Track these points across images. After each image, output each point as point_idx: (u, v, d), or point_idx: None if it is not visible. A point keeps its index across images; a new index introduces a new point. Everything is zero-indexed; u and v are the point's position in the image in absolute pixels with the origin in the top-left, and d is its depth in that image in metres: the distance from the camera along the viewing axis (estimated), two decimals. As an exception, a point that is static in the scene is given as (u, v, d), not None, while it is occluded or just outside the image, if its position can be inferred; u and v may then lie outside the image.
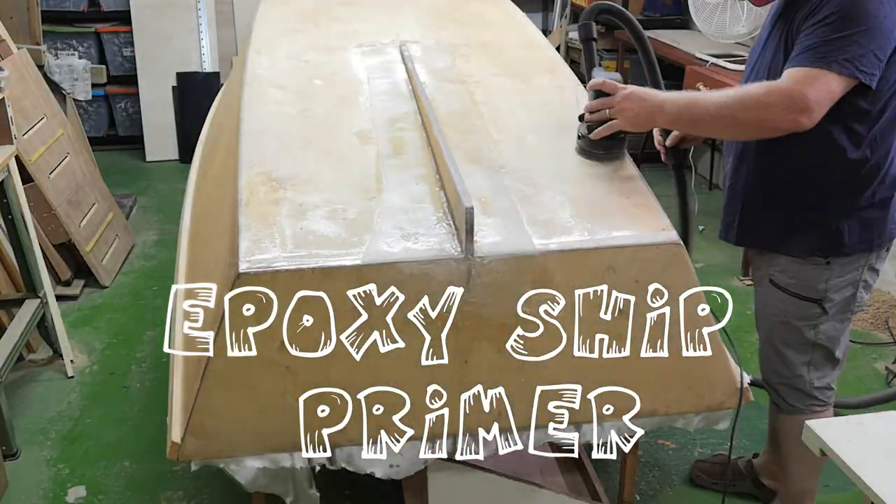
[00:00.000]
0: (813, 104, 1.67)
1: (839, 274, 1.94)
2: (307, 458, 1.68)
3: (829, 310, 1.97)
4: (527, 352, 1.65)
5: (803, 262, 1.95)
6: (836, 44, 1.69)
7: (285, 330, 1.56)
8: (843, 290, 1.96)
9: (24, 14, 4.07)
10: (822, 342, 2.01)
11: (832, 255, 1.92)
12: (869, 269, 1.96)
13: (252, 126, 2.04)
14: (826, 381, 2.07)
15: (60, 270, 3.67)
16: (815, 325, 1.98)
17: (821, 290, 1.95)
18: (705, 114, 1.75)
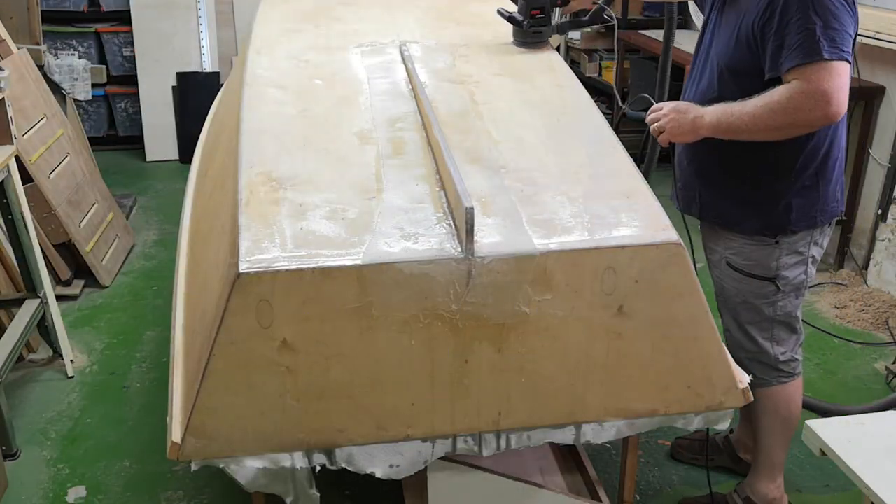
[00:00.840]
0: (831, 94, 1.81)
1: (787, 252, 2.08)
2: (307, 458, 1.68)
3: (783, 287, 2.10)
4: (527, 352, 1.65)
5: (754, 243, 2.09)
6: (818, 33, 1.82)
7: (285, 330, 1.56)
8: (793, 267, 2.10)
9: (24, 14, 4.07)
10: (780, 318, 2.14)
11: (780, 234, 2.06)
12: (814, 245, 2.11)
13: (252, 126, 2.04)
14: (790, 354, 2.19)
15: (60, 270, 3.67)
16: (772, 302, 2.12)
17: (773, 268, 2.09)
18: (741, 123, 1.90)
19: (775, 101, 1.85)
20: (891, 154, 3.67)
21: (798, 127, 1.89)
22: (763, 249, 2.08)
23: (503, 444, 1.75)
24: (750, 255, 2.10)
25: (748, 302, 2.14)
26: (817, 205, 2.06)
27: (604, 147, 2.00)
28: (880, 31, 3.49)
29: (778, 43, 1.87)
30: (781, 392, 2.21)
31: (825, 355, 3.28)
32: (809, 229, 2.08)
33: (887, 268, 3.67)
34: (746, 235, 2.09)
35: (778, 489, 2.33)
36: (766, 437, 2.27)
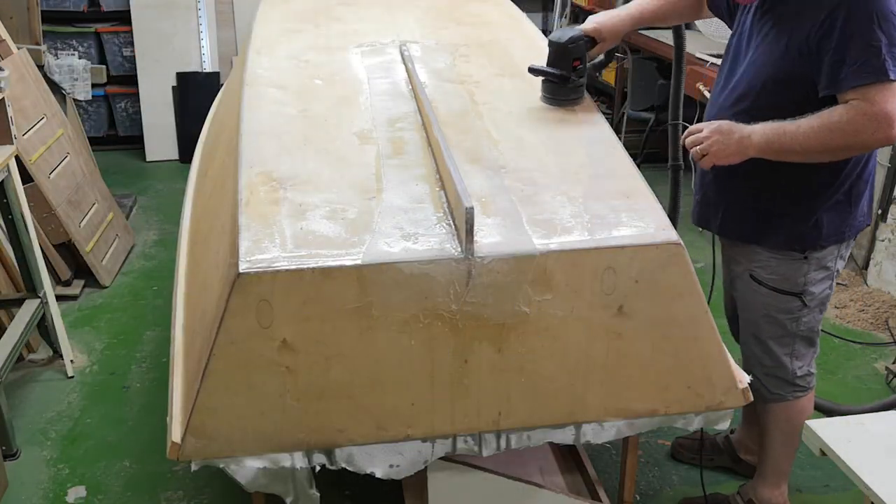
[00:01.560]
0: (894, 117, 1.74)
1: (815, 268, 2.02)
2: (307, 458, 1.68)
3: (809, 302, 2.04)
4: (527, 352, 1.65)
5: (781, 258, 2.02)
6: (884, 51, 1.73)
7: (285, 330, 1.56)
8: (819, 282, 2.05)
9: (24, 14, 4.07)
10: (803, 333, 2.09)
11: (809, 249, 2.00)
12: (840, 259, 2.06)
13: (252, 126, 2.04)
14: (807, 369, 2.15)
15: (60, 270, 3.67)
16: (796, 317, 2.06)
17: (800, 283, 2.03)
18: (794, 143, 1.81)
19: (834, 122, 1.77)
20: (891, 154, 3.67)
21: (854, 149, 1.83)
22: (791, 264, 2.02)
23: (503, 444, 1.75)
24: (776, 270, 2.03)
25: (772, 316, 2.08)
26: (847, 220, 2.01)
27: (604, 147, 2.00)
28: (880, 31, 3.48)
29: (837, 58, 1.77)
30: (795, 406, 2.17)
31: (825, 355, 3.28)
32: (837, 244, 2.03)
33: (887, 268, 3.67)
34: (774, 250, 2.02)
35: (781, 496, 2.33)
36: (775, 447, 2.24)
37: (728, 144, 1.86)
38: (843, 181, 1.96)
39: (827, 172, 1.93)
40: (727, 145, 1.86)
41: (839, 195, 1.97)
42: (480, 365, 1.65)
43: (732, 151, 1.86)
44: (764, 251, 2.04)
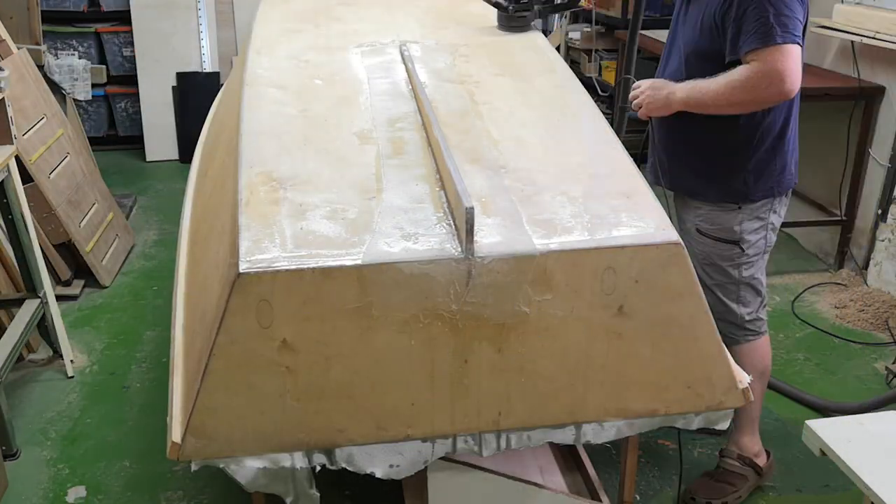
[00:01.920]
0: (785, 73, 2.03)
1: (749, 217, 2.28)
2: (307, 458, 1.68)
3: (746, 249, 2.29)
4: (527, 352, 1.65)
5: (719, 209, 2.28)
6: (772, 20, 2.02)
7: (285, 330, 1.56)
8: (755, 231, 2.29)
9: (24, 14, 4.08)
10: (745, 280, 2.33)
11: (741, 201, 2.26)
12: (773, 213, 2.31)
13: (252, 126, 2.04)
14: (755, 314, 2.38)
15: (60, 270, 3.67)
16: (737, 264, 2.31)
17: (736, 231, 2.28)
18: (707, 98, 2.13)
19: (736, 80, 2.06)
20: (891, 154, 3.67)
21: (757, 103, 2.10)
22: (727, 214, 2.27)
23: (503, 444, 1.75)
24: (715, 220, 2.28)
25: (715, 264, 2.32)
26: (773, 176, 2.26)
27: (604, 147, 2.00)
28: (880, 31, 3.49)
29: (736, 30, 2.08)
30: (750, 348, 2.37)
31: (825, 355, 3.28)
32: (768, 198, 2.27)
33: (887, 268, 3.67)
34: (711, 202, 2.29)
35: (758, 442, 2.49)
36: None
37: (657, 98, 2.22)
38: (762, 139, 2.22)
39: (746, 131, 2.21)
40: (657, 99, 2.22)
41: (761, 153, 2.23)
42: (480, 365, 1.65)
43: (661, 104, 2.22)
44: (704, 204, 2.30)
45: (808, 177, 4.27)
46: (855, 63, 3.77)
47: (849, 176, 3.86)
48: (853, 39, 3.66)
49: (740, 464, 2.45)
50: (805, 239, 4.30)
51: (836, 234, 3.98)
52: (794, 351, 3.31)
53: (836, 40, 3.94)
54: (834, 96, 3.74)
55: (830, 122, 3.98)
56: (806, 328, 3.48)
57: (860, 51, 3.75)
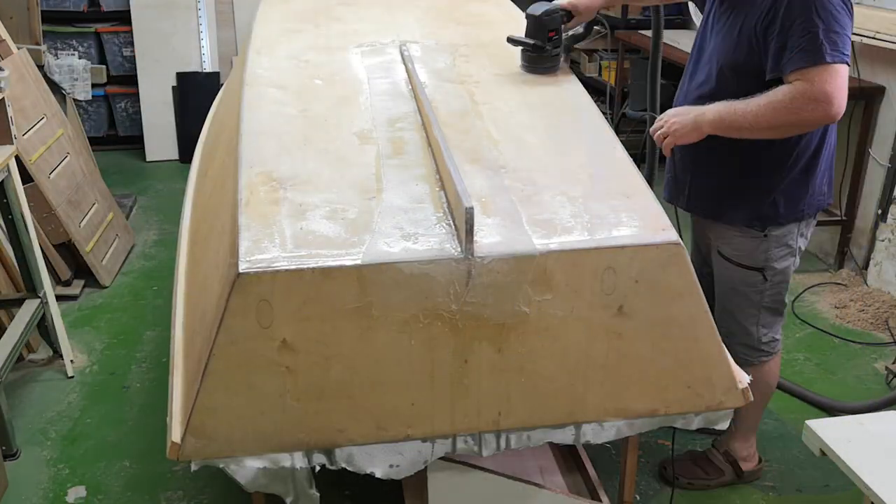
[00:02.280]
0: (833, 96, 1.88)
1: (776, 245, 2.17)
2: (307, 458, 1.68)
3: (770, 277, 2.20)
4: (527, 352, 1.65)
5: (744, 236, 2.18)
6: (821, 36, 1.88)
7: (285, 330, 1.56)
8: (781, 259, 2.20)
9: (24, 14, 4.07)
10: (767, 304, 2.25)
11: (768, 225, 2.14)
12: (801, 237, 2.21)
13: (252, 126, 2.04)
14: (772, 336, 2.32)
15: (60, 270, 3.67)
16: (760, 290, 2.22)
17: (761, 259, 2.18)
18: (744, 121, 1.95)
19: (778, 101, 1.90)
20: (891, 154, 3.67)
21: (798, 126, 1.96)
22: (752, 241, 2.17)
23: (503, 444, 1.75)
24: (739, 247, 2.19)
25: (737, 290, 2.24)
26: (805, 199, 2.14)
27: (604, 147, 2.00)
28: (880, 31, 3.49)
29: (780, 44, 1.93)
30: (762, 368, 2.32)
31: (825, 355, 3.28)
32: (796, 222, 2.16)
33: (887, 268, 3.67)
34: (735, 227, 2.18)
35: (751, 447, 2.51)
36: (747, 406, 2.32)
37: (685, 123, 2.04)
38: (797, 160, 2.09)
39: (780, 151, 2.08)
40: (684, 124, 2.04)
41: (795, 173, 2.10)
42: (480, 365, 1.65)
43: (689, 129, 2.03)
44: (727, 228, 2.20)
45: (808, 177, 4.28)
46: (855, 63, 3.77)
47: (849, 176, 3.86)
48: (853, 39, 3.66)
49: (723, 459, 2.50)
50: (805, 239, 4.30)
51: (836, 234, 3.98)
52: (794, 351, 3.31)
53: (836, 40, 3.93)
54: (783, 81, 3.73)
55: (830, 122, 3.98)
56: (806, 328, 3.48)
57: (860, 51, 3.74)
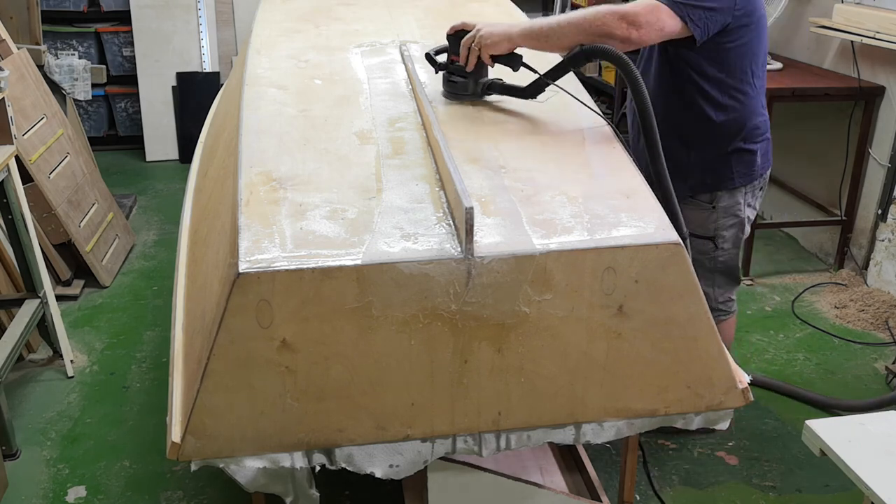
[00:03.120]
0: (642, 21, 1.97)
1: (724, 215, 2.38)
2: (307, 458, 1.68)
3: (721, 244, 2.41)
4: (527, 352, 1.65)
5: (695, 208, 2.36)
6: None
7: (285, 330, 1.56)
8: (730, 228, 2.40)
9: (24, 14, 4.08)
10: (720, 269, 2.44)
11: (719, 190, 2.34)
12: (748, 207, 2.41)
13: (252, 126, 2.04)
14: (727, 297, 2.52)
15: (60, 270, 3.67)
16: (712, 257, 2.42)
17: (711, 228, 2.39)
18: (553, 23, 2.03)
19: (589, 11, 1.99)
20: (891, 154, 3.67)
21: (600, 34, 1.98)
22: (702, 213, 2.37)
23: (503, 444, 1.75)
24: (692, 219, 2.31)
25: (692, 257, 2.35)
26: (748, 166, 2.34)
27: (604, 147, 2.00)
28: (880, 31, 3.49)
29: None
30: (720, 327, 2.36)
31: (825, 355, 3.29)
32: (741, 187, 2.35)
33: (887, 268, 3.67)
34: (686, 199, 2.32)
35: None
36: None
37: (495, 33, 2.06)
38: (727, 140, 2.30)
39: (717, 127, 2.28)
40: (494, 33, 2.06)
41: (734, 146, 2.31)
42: (480, 365, 1.65)
43: (499, 38, 2.06)
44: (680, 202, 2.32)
45: (808, 177, 4.28)
46: (855, 63, 3.77)
47: (849, 176, 3.87)
48: (853, 39, 3.66)
49: None
50: (805, 239, 4.30)
51: (836, 234, 3.98)
52: (794, 351, 3.31)
53: (836, 40, 3.94)
54: (834, 96, 3.74)
55: (830, 122, 3.99)
56: (806, 328, 3.48)
57: (860, 51, 3.75)
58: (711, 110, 2.28)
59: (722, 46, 2.18)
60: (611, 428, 1.78)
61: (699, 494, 2.50)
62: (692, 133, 2.31)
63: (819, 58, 4.10)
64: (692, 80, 2.25)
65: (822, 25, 3.83)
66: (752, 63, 2.26)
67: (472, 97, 2.16)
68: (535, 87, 2.09)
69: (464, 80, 2.14)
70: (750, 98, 2.30)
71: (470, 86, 2.15)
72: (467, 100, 2.16)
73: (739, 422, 2.77)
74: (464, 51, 2.10)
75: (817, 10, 4.04)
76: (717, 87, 2.25)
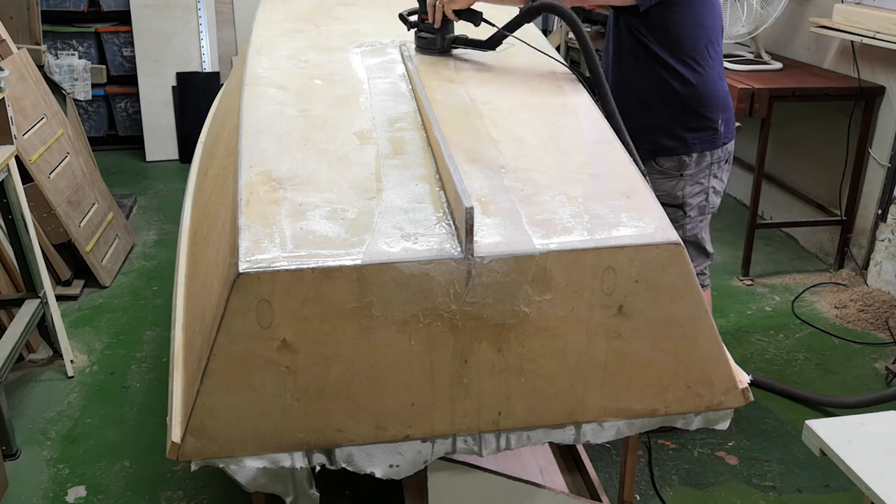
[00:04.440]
0: None
1: (690, 183, 2.50)
2: (307, 458, 1.68)
3: (689, 212, 2.52)
4: (526, 352, 1.65)
5: (662, 177, 2.49)
6: None
7: (285, 330, 1.56)
8: (696, 195, 2.52)
9: (24, 14, 4.08)
10: (689, 239, 2.54)
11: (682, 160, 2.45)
12: (714, 177, 2.53)
13: (252, 126, 2.04)
14: (699, 269, 2.59)
15: (60, 270, 3.67)
16: (680, 225, 2.51)
17: (679, 196, 2.51)
18: None
19: None
20: (891, 154, 3.67)
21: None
22: (670, 182, 2.49)
23: (503, 444, 1.75)
24: (660, 187, 2.46)
25: None
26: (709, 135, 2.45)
27: (604, 147, 2.00)
28: (880, 31, 3.49)
29: None
30: None
31: (825, 355, 3.29)
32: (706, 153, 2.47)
33: (887, 268, 3.67)
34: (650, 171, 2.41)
35: None
36: None
37: None
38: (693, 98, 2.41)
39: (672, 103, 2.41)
40: None
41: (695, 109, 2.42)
42: (480, 365, 1.65)
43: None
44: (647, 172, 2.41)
45: (808, 177, 4.28)
46: (855, 63, 3.77)
47: (849, 176, 3.87)
48: (853, 39, 3.66)
49: None
50: (805, 239, 4.30)
51: (836, 234, 3.98)
52: (794, 351, 3.31)
53: (836, 40, 3.94)
54: (834, 96, 3.74)
55: (830, 122, 3.99)
56: (806, 328, 3.48)
57: (860, 51, 3.75)
58: (668, 77, 2.40)
59: (669, 17, 2.33)
60: (611, 428, 1.78)
61: (699, 494, 2.51)
62: (651, 99, 2.44)
63: (819, 58, 4.10)
64: (647, 49, 2.38)
65: (822, 25, 3.82)
66: (706, 34, 2.40)
67: (440, 51, 2.41)
68: (495, 40, 2.36)
69: (432, 36, 2.39)
70: (705, 69, 2.41)
71: (438, 41, 2.40)
72: (436, 54, 2.40)
73: (739, 422, 2.77)
74: (430, 9, 2.33)
75: (817, 10, 4.04)
76: (670, 56, 2.37)
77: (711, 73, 2.44)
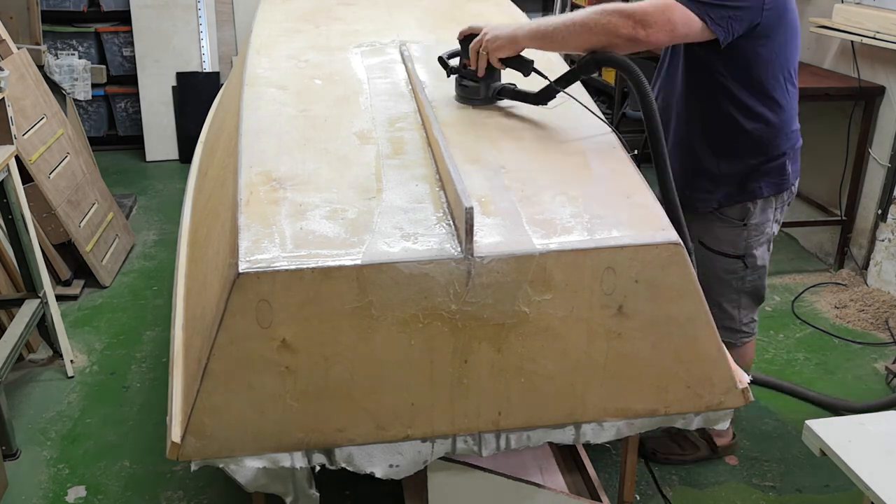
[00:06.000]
0: (651, 21, 1.86)
1: (755, 233, 2.28)
2: (307, 458, 1.68)
3: (751, 263, 2.31)
4: (526, 352, 1.65)
5: (724, 225, 2.28)
6: None
7: (285, 330, 1.56)
8: (760, 246, 2.31)
9: (24, 14, 4.08)
10: (748, 290, 2.36)
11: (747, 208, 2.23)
12: (775, 223, 2.33)
13: (252, 126, 2.04)
14: (751, 317, 2.42)
15: (60, 270, 3.67)
16: (741, 276, 2.33)
17: (742, 247, 2.29)
18: (558, 23, 1.95)
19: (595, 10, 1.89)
20: (891, 154, 3.67)
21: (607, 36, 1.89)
22: (732, 230, 2.28)
23: (503, 444, 1.75)
24: (720, 236, 2.29)
25: (719, 276, 2.32)
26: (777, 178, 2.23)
27: (604, 147, 2.00)
28: (880, 31, 3.49)
29: None
30: (741, 350, 2.42)
31: (825, 355, 3.29)
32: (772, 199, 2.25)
33: (887, 268, 3.67)
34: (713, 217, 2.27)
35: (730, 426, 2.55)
36: None
37: (500, 35, 2.00)
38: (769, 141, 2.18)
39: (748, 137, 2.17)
40: (499, 36, 2.00)
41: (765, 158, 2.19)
42: (480, 365, 1.65)
43: (505, 41, 1.99)
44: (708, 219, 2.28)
45: (808, 177, 4.27)
46: (855, 63, 3.77)
47: (849, 176, 3.87)
48: (853, 39, 3.66)
49: (699, 434, 2.57)
50: (805, 239, 4.30)
51: (836, 234, 3.98)
52: (794, 351, 3.31)
53: (836, 40, 3.94)
54: (834, 96, 3.74)
55: (830, 122, 3.98)
56: (806, 328, 3.48)
57: (860, 51, 3.75)
58: (743, 118, 2.14)
59: (751, 51, 2.05)
60: (611, 428, 1.78)
61: (699, 494, 2.51)
62: (721, 140, 2.19)
63: (819, 58, 4.10)
64: (721, 86, 2.11)
65: (822, 25, 3.83)
66: (786, 67, 2.13)
67: (483, 102, 2.12)
68: (545, 94, 2.06)
69: (475, 85, 2.11)
70: (784, 106, 2.17)
71: (481, 90, 2.11)
72: (479, 104, 2.12)
73: (739, 422, 2.77)
74: (473, 55, 2.05)
75: (817, 10, 4.04)
76: (748, 93, 2.12)
77: (790, 112, 2.20)
